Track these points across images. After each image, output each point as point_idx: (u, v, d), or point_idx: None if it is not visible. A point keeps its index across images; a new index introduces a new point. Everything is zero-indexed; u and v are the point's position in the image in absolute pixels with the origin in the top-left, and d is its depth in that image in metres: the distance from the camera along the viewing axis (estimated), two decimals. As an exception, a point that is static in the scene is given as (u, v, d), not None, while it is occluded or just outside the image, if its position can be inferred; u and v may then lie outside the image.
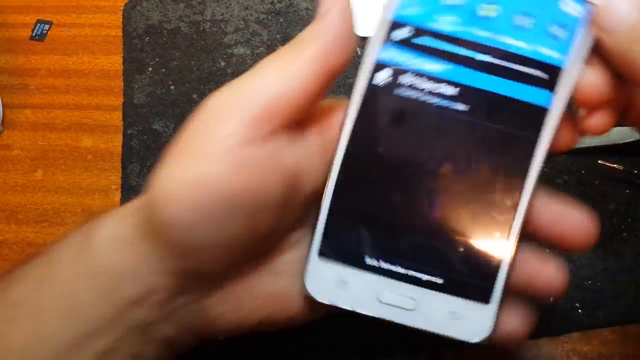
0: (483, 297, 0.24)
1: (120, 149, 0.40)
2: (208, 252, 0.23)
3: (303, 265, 0.25)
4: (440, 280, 0.24)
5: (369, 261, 0.25)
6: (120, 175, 0.40)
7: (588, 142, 0.36)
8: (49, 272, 0.25)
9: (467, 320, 0.24)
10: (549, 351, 0.32)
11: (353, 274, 0.24)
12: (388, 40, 0.24)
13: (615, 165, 0.36)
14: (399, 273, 0.24)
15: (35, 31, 0.46)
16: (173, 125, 0.41)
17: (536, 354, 0.32)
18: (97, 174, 0.40)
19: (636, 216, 0.35)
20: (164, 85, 0.42)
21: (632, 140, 0.35)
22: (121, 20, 0.45)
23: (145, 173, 0.39)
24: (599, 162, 0.36)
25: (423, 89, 0.24)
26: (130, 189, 0.39)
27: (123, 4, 0.46)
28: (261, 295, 0.25)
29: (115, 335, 0.24)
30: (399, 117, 0.24)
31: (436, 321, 0.24)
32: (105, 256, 0.24)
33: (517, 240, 0.23)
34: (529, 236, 0.24)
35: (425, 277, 0.24)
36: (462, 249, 0.24)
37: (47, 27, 0.46)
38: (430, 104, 0.24)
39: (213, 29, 0.44)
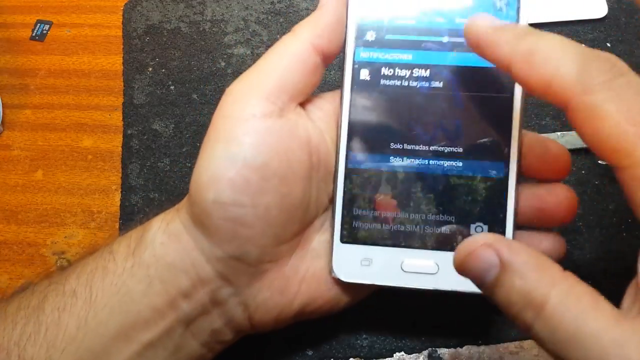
0: None
1: (120, 149, 0.40)
2: (248, 230, 0.25)
3: (328, 251, 0.27)
4: (457, 240, 0.26)
5: (389, 236, 0.27)
6: (120, 175, 0.40)
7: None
8: (102, 264, 0.26)
9: None
10: (549, 351, 0.32)
11: (375, 251, 0.27)
12: (361, 40, 0.27)
13: (615, 165, 0.36)
14: (419, 242, 0.26)
15: (35, 31, 0.46)
16: (173, 125, 0.41)
17: (536, 354, 0.32)
18: (97, 174, 0.40)
19: (636, 216, 0.35)
20: (164, 85, 0.42)
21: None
22: (121, 20, 0.45)
23: (145, 173, 0.39)
24: (599, 162, 0.36)
25: (403, 75, 0.27)
26: (130, 189, 0.39)
27: (123, 4, 0.46)
28: (306, 276, 0.27)
29: (161, 328, 0.26)
30: (389, 104, 0.27)
31: (457, 280, 0.25)
32: (157, 247, 0.26)
33: (515, 184, 0.26)
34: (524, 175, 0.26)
35: (442, 240, 0.26)
36: (470, 208, 0.26)
37: (47, 27, 0.46)
38: (414, 87, 0.27)
39: (213, 29, 0.44)
